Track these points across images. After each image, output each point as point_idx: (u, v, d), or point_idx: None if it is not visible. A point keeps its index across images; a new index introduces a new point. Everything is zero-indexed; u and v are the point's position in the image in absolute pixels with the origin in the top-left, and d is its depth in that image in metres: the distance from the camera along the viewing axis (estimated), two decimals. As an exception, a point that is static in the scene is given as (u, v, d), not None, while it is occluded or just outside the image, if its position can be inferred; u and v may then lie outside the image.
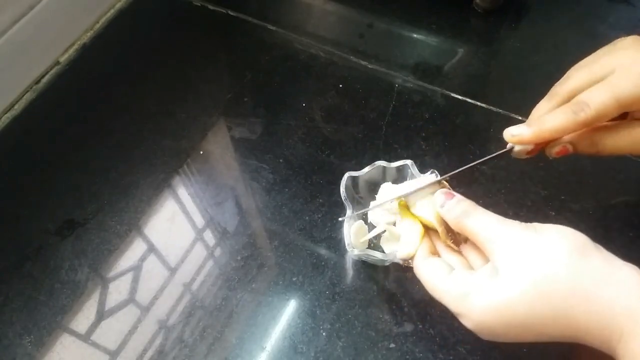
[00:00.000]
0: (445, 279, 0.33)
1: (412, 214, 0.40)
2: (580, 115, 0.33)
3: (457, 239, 0.37)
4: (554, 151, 0.37)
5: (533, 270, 0.28)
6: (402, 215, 0.41)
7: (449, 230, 0.37)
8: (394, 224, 0.44)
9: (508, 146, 0.38)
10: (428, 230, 0.39)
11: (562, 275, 0.27)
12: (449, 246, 0.37)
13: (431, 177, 0.41)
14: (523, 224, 0.31)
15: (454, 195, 0.36)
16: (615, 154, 0.37)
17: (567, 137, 0.36)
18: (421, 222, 0.39)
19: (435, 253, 0.38)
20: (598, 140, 0.36)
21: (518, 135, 0.36)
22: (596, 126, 0.36)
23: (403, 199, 0.41)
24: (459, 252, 0.37)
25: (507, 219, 0.32)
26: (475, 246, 0.35)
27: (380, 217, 0.46)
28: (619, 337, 0.26)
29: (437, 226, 0.37)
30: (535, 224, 0.31)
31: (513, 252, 0.30)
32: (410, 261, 0.38)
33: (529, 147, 0.37)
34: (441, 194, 0.36)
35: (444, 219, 0.36)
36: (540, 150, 0.38)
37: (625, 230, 0.49)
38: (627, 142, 0.36)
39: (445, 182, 0.40)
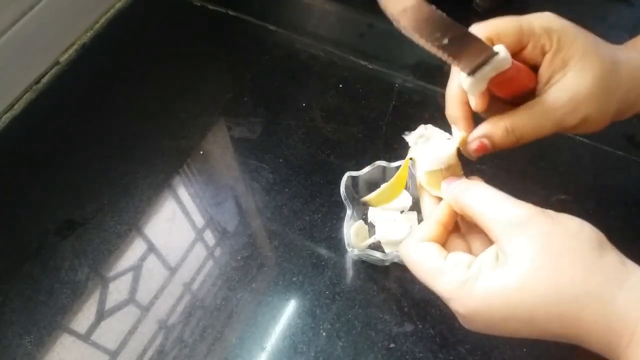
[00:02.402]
0: (439, 262, 0.29)
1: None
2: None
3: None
4: (472, 148, 0.33)
5: (547, 261, 0.26)
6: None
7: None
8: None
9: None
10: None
11: (578, 270, 0.25)
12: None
13: (451, 150, 0.34)
14: (537, 207, 0.27)
15: (457, 179, 0.32)
16: (538, 138, 0.33)
17: (479, 131, 0.33)
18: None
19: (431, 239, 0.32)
20: (514, 128, 0.32)
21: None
22: (507, 112, 0.33)
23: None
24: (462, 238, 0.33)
25: (516, 200, 0.28)
26: (478, 229, 0.30)
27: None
28: (629, 341, 0.25)
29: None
30: (551, 211, 0.27)
31: (524, 237, 0.26)
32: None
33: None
34: (447, 181, 0.32)
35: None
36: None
37: (625, 230, 0.49)
38: (544, 123, 0.32)
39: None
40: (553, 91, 0.32)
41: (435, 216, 0.32)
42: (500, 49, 0.31)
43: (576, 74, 0.31)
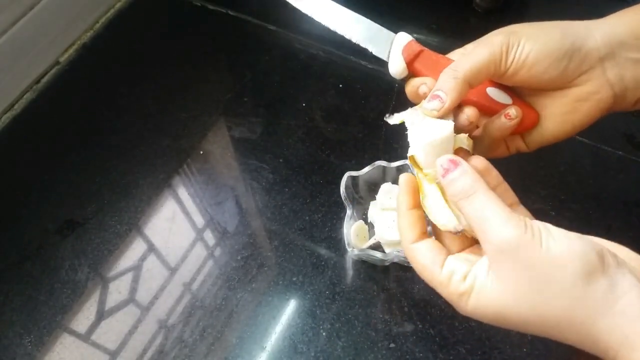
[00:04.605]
0: (437, 273, 0.29)
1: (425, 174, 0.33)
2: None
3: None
4: (429, 107, 0.34)
5: (530, 290, 0.26)
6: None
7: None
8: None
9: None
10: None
11: (561, 300, 0.26)
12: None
13: (448, 129, 0.32)
14: (529, 229, 0.27)
15: (459, 164, 0.29)
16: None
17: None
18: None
19: (425, 231, 0.32)
20: (456, 67, 0.34)
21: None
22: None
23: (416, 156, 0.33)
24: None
25: (511, 215, 0.27)
26: None
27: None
28: (613, 358, 0.25)
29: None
30: (543, 232, 0.27)
31: (510, 263, 0.27)
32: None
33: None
34: (445, 159, 0.30)
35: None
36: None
37: (625, 230, 0.49)
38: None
39: (461, 139, 0.35)
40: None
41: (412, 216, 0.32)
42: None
43: (528, 43, 0.34)
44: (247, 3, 0.70)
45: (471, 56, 0.34)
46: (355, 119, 0.58)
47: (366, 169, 0.48)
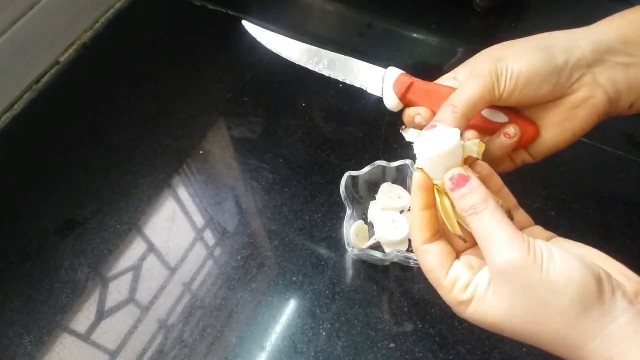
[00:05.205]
0: (442, 278, 0.31)
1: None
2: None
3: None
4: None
5: (527, 312, 0.27)
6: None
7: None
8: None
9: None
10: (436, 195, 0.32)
11: (555, 324, 0.27)
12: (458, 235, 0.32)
13: (455, 140, 0.31)
14: (531, 252, 0.27)
15: (468, 180, 0.30)
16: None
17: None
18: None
19: (436, 232, 0.32)
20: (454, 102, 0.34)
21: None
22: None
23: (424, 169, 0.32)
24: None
25: (516, 235, 0.28)
26: None
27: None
28: None
29: (444, 214, 0.31)
30: (545, 255, 0.27)
31: (510, 285, 0.28)
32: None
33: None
34: (454, 173, 0.30)
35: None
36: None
37: (625, 230, 0.49)
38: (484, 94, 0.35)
39: (470, 147, 0.33)
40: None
41: (424, 217, 0.32)
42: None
43: (516, 66, 0.34)
44: (247, 3, 0.70)
45: (465, 90, 0.35)
46: (355, 119, 0.58)
47: (366, 169, 0.48)
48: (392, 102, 0.40)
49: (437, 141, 0.31)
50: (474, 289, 0.29)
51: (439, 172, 0.31)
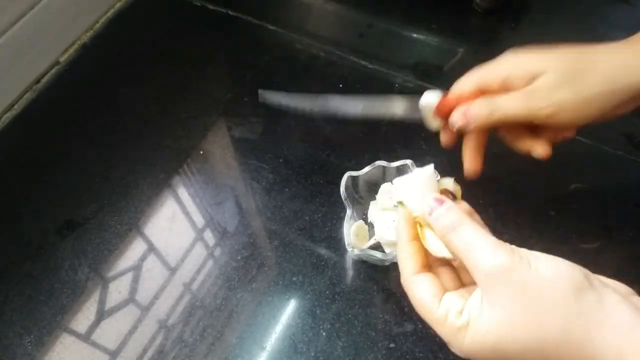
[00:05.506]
0: (435, 309, 0.30)
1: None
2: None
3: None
4: (454, 121, 0.39)
5: (524, 310, 0.27)
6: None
7: None
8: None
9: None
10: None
11: (556, 318, 0.26)
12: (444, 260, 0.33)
13: (428, 171, 0.36)
14: (516, 253, 0.28)
15: (443, 201, 0.32)
16: (508, 118, 0.38)
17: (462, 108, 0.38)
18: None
19: (426, 264, 0.33)
20: (489, 102, 0.37)
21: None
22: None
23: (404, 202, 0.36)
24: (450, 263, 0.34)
25: (498, 242, 0.29)
26: None
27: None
28: None
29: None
30: (530, 256, 0.28)
31: (502, 287, 0.27)
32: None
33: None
34: (430, 198, 0.32)
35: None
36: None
37: (625, 230, 0.49)
38: (516, 103, 0.37)
39: (447, 183, 0.38)
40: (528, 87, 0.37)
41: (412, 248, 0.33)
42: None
43: (543, 77, 0.36)
44: (247, 3, 0.70)
45: (510, 102, 0.37)
46: (355, 119, 0.58)
47: (366, 169, 0.48)
48: (434, 126, 0.43)
49: (414, 177, 0.35)
50: (469, 313, 0.29)
51: (418, 203, 0.33)
